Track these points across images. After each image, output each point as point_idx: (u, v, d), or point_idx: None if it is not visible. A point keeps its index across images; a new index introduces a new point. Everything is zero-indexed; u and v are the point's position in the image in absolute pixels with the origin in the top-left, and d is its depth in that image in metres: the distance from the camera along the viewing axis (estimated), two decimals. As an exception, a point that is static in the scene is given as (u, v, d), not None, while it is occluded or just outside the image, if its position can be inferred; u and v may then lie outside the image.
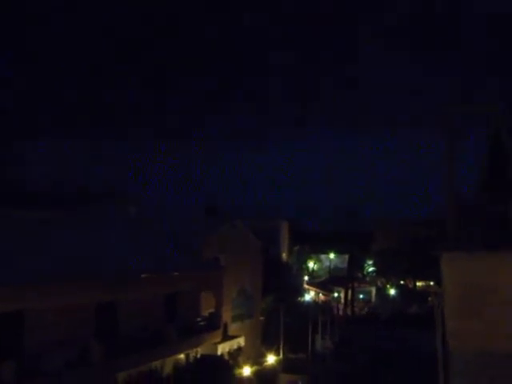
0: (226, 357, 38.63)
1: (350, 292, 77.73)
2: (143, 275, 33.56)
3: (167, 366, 33.40)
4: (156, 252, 36.94)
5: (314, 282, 77.17)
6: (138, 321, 32.26)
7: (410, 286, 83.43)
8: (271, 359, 43.03)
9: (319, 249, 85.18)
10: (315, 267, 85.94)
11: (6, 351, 24.81)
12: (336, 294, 76.87)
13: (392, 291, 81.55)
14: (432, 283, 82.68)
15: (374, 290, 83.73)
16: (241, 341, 41.89)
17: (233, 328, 42.36)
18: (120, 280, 31.85)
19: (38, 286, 26.67)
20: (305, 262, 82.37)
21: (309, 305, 63.54)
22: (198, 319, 38.40)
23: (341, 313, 72.37)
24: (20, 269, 26.85)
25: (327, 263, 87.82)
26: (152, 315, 33.74)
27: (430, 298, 76.06)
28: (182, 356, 35.78)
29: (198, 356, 36.60)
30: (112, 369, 28.92)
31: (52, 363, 25.53)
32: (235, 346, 40.82)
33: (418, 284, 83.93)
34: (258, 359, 43.07)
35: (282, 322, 46.04)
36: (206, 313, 39.38)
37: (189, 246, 38.82)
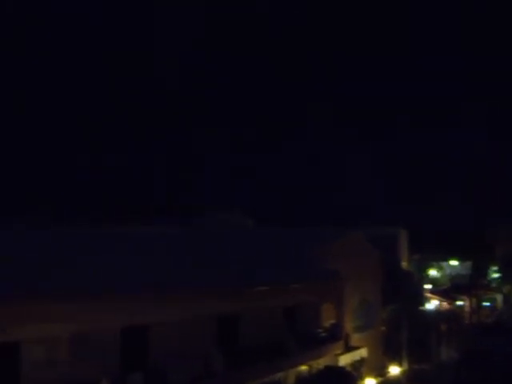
0: (349, 368, 38.15)
1: (474, 300, 75.13)
2: (263, 287, 33.73)
3: (290, 377, 33.37)
4: (276, 264, 37.06)
5: (436, 290, 75.13)
6: (258, 332, 32.40)
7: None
8: (395, 370, 42.14)
9: (440, 256, 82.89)
10: (437, 275, 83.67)
11: (132, 363, 25.54)
12: (460, 302, 74.52)
13: (519, 298, 78.20)
14: None
15: (499, 297, 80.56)
16: (363, 352, 41.21)
17: (354, 339, 41.77)
18: (241, 292, 32.18)
19: (163, 299, 27.39)
20: (425, 270, 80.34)
21: (431, 314, 61.96)
22: (319, 330, 38.17)
23: (466, 321, 70.09)
24: (144, 282, 27.70)
25: (449, 271, 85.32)
26: (272, 327, 33.77)
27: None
28: (304, 367, 35.63)
29: (321, 367, 36.34)
30: (235, 380, 29.15)
31: (178, 375, 26.02)
32: (357, 357, 40.20)
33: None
34: (380, 370, 42.32)
35: (405, 332, 45.03)
36: (327, 324, 39.10)
37: (308, 256, 38.69)
